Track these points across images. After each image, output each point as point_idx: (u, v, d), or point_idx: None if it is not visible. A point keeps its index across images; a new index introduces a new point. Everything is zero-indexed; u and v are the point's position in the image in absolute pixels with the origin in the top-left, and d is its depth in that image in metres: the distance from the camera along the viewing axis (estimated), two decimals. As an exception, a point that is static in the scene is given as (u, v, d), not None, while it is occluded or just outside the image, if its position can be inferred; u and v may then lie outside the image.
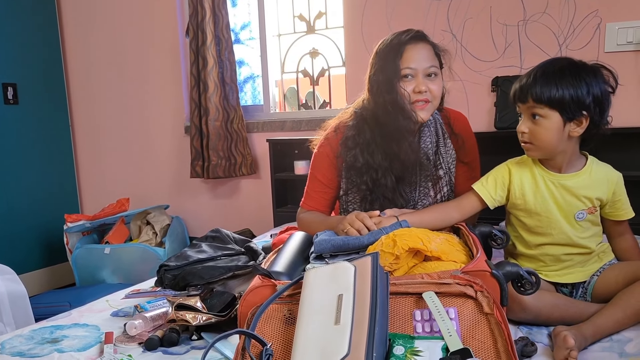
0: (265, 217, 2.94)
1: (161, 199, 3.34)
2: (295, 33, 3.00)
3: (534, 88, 1.27)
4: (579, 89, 1.24)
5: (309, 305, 1.02)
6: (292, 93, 3.09)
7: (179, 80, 3.19)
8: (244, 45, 3.20)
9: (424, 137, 1.61)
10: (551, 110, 1.26)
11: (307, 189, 1.74)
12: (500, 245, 1.41)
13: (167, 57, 3.20)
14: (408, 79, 1.52)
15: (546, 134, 1.28)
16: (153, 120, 3.31)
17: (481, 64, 2.34)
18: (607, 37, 2.10)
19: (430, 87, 1.52)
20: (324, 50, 2.94)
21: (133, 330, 1.32)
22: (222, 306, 1.37)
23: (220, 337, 0.99)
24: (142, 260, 2.90)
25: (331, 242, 1.29)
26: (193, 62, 2.99)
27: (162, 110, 3.28)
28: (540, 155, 1.34)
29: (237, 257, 1.72)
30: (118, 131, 3.44)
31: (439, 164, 1.63)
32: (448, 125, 1.67)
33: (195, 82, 3.00)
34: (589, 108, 1.26)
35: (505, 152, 1.57)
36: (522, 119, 1.33)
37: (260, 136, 2.98)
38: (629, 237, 1.43)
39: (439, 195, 1.64)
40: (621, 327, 1.19)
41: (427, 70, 1.52)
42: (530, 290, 1.12)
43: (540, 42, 2.22)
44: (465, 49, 2.36)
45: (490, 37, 2.31)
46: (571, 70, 1.27)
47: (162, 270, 1.64)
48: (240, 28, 3.21)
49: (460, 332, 0.97)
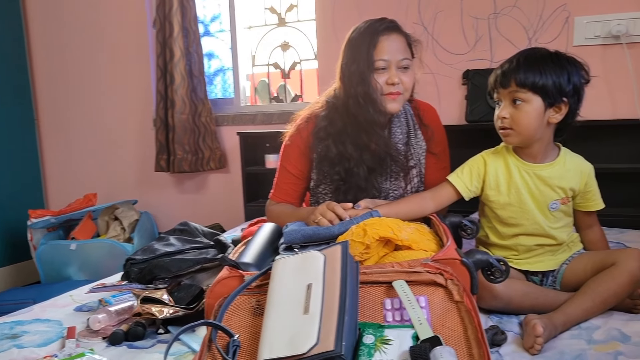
0: (236, 212, 2.90)
1: (129, 193, 3.27)
2: (266, 25, 2.97)
3: (517, 73, 1.28)
4: (561, 76, 1.27)
5: (278, 295, 1.00)
6: (263, 86, 3.06)
7: (147, 73, 3.12)
8: (214, 37, 3.15)
9: (394, 128, 1.61)
10: (534, 95, 1.28)
11: (277, 180, 1.71)
12: (470, 236, 1.41)
13: (135, 49, 3.12)
14: (381, 71, 1.50)
15: (527, 119, 1.29)
16: (121, 113, 3.24)
17: (452, 57, 2.34)
18: (576, 30, 2.13)
19: (403, 79, 1.51)
20: (295, 43, 2.91)
21: (97, 325, 1.28)
22: (189, 299, 1.34)
23: (185, 329, 0.97)
24: (109, 256, 2.83)
25: (301, 232, 1.27)
26: (160, 53, 2.92)
27: (130, 102, 3.20)
28: (519, 142, 1.34)
29: (205, 251, 1.68)
30: (85, 124, 3.35)
31: (410, 155, 1.62)
32: (418, 116, 1.67)
33: (162, 74, 2.93)
34: (568, 95, 1.29)
35: (476, 144, 1.57)
36: (502, 105, 1.33)
37: (231, 129, 2.94)
38: (597, 229, 1.45)
39: (409, 186, 1.63)
40: (590, 315, 1.21)
41: (400, 63, 1.50)
42: (500, 279, 1.11)
43: (510, 35, 2.24)
44: (436, 41, 2.36)
45: (461, 31, 2.32)
46: (553, 58, 1.30)
47: (128, 263, 1.59)
48: (210, 20, 3.16)
49: (430, 320, 0.96)
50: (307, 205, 1.75)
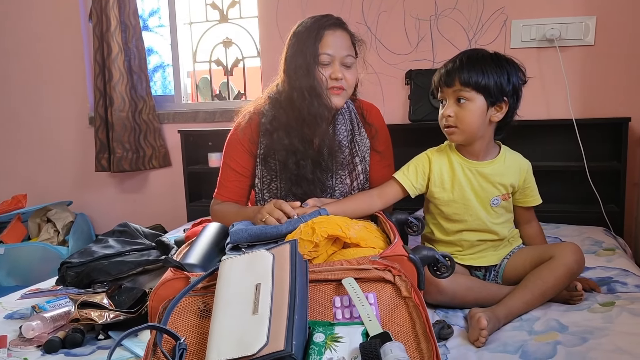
0: (178, 212, 2.83)
1: (63, 194, 3.12)
2: (208, 22, 2.90)
3: (461, 72, 1.32)
4: (502, 76, 1.32)
5: (225, 296, 0.97)
6: (205, 83, 2.99)
7: (82, 68, 2.98)
8: (153, 32, 3.06)
9: (338, 124, 1.61)
10: (477, 94, 1.32)
11: (220, 179, 1.67)
12: (416, 232, 1.43)
13: (69, 43, 2.98)
14: (325, 66, 1.50)
15: (471, 117, 1.33)
16: (54, 110, 3.08)
17: (395, 57, 2.37)
18: (513, 33, 2.21)
19: (346, 75, 1.52)
20: (238, 40, 2.86)
21: (30, 333, 1.20)
22: (131, 302, 1.29)
23: (128, 333, 0.92)
24: (42, 260, 2.68)
25: (248, 232, 1.24)
26: (97, 48, 2.80)
27: (64, 99, 3.05)
28: (463, 140, 1.37)
29: (147, 252, 1.62)
30: (14, 122, 3.16)
31: (355, 152, 1.63)
32: (362, 115, 1.68)
33: (100, 69, 2.81)
34: (508, 95, 1.34)
35: (419, 143, 1.60)
36: (447, 103, 1.36)
37: (171, 127, 2.86)
38: (535, 224, 1.51)
39: (355, 183, 1.64)
40: (530, 307, 1.25)
41: (344, 59, 1.51)
42: (446, 274, 1.14)
43: (451, 36, 2.29)
44: (379, 42, 2.39)
45: (403, 31, 2.35)
46: (493, 58, 1.35)
47: (63, 267, 1.52)
48: (149, 15, 3.06)
49: (379, 316, 0.97)
50: (253, 204, 1.73)
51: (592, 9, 2.12)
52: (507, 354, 1.06)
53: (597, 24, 2.12)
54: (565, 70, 2.12)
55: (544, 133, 2.13)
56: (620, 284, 1.38)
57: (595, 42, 2.13)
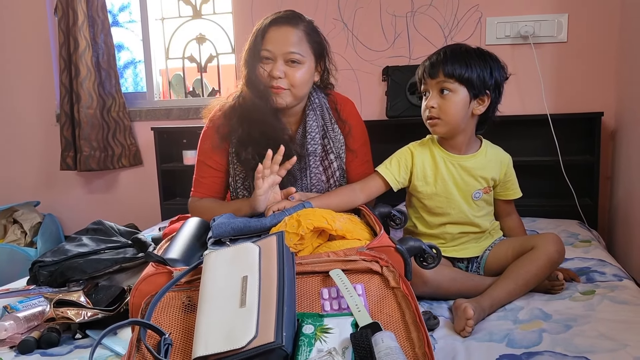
0: (151, 211, 2.76)
1: (30, 194, 3.02)
2: (181, 17, 2.85)
3: (445, 64, 1.33)
4: (485, 70, 1.34)
5: (211, 289, 0.95)
6: (178, 80, 2.94)
7: (48, 64, 2.89)
8: (123, 28, 2.99)
9: (309, 121, 1.57)
10: (460, 86, 1.33)
11: (196, 176, 1.63)
12: (398, 225, 1.43)
13: (34, 37, 2.88)
14: (267, 62, 1.46)
15: (454, 108, 1.33)
16: (18, 107, 2.97)
17: (372, 53, 2.37)
18: (488, 30, 2.23)
19: (289, 73, 1.46)
20: (211, 36, 2.82)
21: (3, 333, 1.16)
22: (109, 300, 1.26)
23: (110, 329, 0.89)
24: (9, 262, 2.59)
25: (231, 225, 1.22)
26: (62, 43, 2.72)
27: (29, 95, 2.95)
28: (445, 132, 1.38)
29: (123, 250, 1.58)
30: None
31: (329, 148, 1.59)
32: (335, 110, 1.63)
33: (66, 65, 2.73)
34: (490, 88, 1.36)
35: (397, 139, 1.60)
36: (430, 95, 1.37)
37: (143, 125, 2.79)
38: (515, 216, 1.54)
39: (332, 180, 1.60)
40: (513, 297, 1.26)
41: (287, 56, 1.45)
42: (433, 264, 1.14)
43: (427, 33, 2.30)
44: (356, 38, 2.39)
45: (380, 27, 2.35)
46: (477, 53, 1.37)
47: (36, 266, 1.46)
48: (119, 10, 2.99)
49: (368, 307, 0.96)
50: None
51: (564, 6, 2.16)
52: (494, 342, 1.07)
53: (569, 21, 2.16)
54: (540, 67, 2.16)
55: (519, 128, 2.15)
56: (598, 274, 1.40)
57: (567, 39, 2.17)
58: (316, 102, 1.59)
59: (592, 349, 0.99)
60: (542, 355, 0.99)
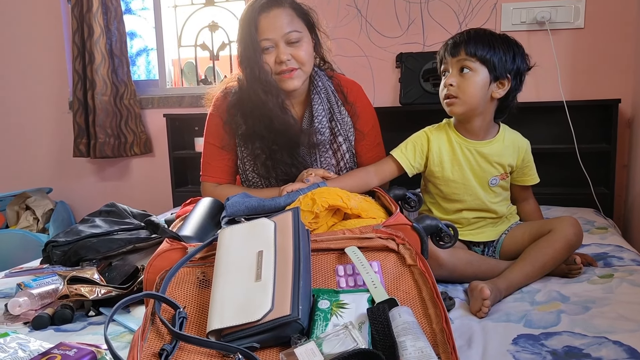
0: (163, 198, 2.77)
1: (42, 181, 3.03)
2: (193, 5, 2.84)
3: (468, 42, 1.32)
4: (507, 54, 1.33)
5: (226, 264, 0.95)
6: (190, 68, 2.93)
7: (60, 51, 2.90)
8: (136, 15, 2.99)
9: (315, 105, 1.55)
10: (481, 66, 1.32)
11: (205, 159, 1.62)
12: (413, 208, 1.42)
13: (46, 24, 2.88)
14: (269, 51, 1.44)
15: (473, 88, 1.32)
16: (30, 95, 2.97)
17: (386, 40, 2.35)
18: (503, 16, 2.20)
19: (294, 53, 1.45)
20: (224, 23, 2.81)
21: (17, 309, 1.16)
22: (123, 279, 1.25)
23: (125, 301, 0.89)
24: (22, 247, 2.60)
25: (245, 204, 1.21)
26: (76, 30, 2.72)
27: (41, 83, 2.95)
28: (462, 112, 1.35)
29: (136, 232, 1.58)
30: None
31: (337, 131, 1.57)
32: (341, 93, 1.60)
33: (79, 52, 2.73)
34: (511, 73, 1.34)
35: (410, 127, 1.57)
36: (449, 74, 1.35)
37: (156, 112, 2.79)
38: (532, 201, 1.52)
39: (342, 163, 1.59)
40: (530, 280, 1.25)
41: (287, 37, 1.44)
42: (449, 244, 1.12)
43: (441, 19, 2.27)
44: (370, 24, 2.36)
45: (394, 14, 2.33)
46: (502, 37, 1.36)
47: (49, 246, 1.47)
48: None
49: (384, 284, 0.95)
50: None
51: (581, -8, 2.13)
52: (511, 322, 1.05)
53: (586, 7, 2.12)
54: (556, 53, 2.13)
55: (535, 115, 2.12)
56: (616, 259, 1.38)
57: (584, 25, 2.14)
58: (320, 85, 1.56)
59: (611, 329, 0.98)
60: (561, 335, 0.98)
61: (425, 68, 2.22)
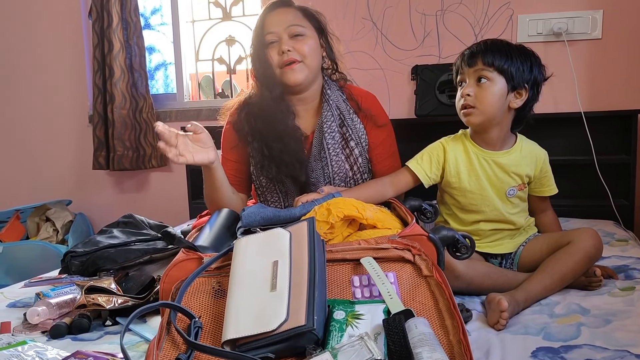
0: (180, 211, 2.79)
1: (62, 193, 3.08)
2: (211, 19, 2.89)
3: (485, 52, 1.32)
4: (525, 64, 1.33)
5: (241, 274, 0.95)
6: (208, 82, 2.97)
7: (81, 65, 2.95)
8: (155, 31, 3.04)
9: (324, 112, 1.55)
10: (499, 75, 1.32)
11: None
12: (429, 220, 1.41)
13: (68, 39, 2.94)
14: (273, 45, 1.49)
15: (491, 98, 1.32)
16: (52, 108, 3.03)
17: (401, 52, 2.36)
18: (519, 28, 2.20)
19: (297, 46, 1.48)
20: (241, 37, 2.85)
21: (35, 318, 1.17)
22: (139, 288, 1.26)
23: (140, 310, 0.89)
24: (41, 258, 2.64)
25: (261, 215, 1.22)
26: (96, 45, 2.78)
27: (62, 97, 3.00)
28: (480, 122, 1.35)
29: (153, 243, 1.59)
30: (11, 119, 3.12)
31: (349, 135, 1.56)
32: (353, 101, 1.60)
33: (99, 66, 2.78)
34: (529, 83, 1.34)
35: (426, 139, 1.56)
36: (467, 83, 1.35)
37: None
38: (550, 212, 1.50)
39: (355, 167, 1.58)
40: (549, 292, 1.23)
41: (290, 30, 1.48)
42: (466, 255, 1.11)
43: (457, 31, 2.28)
44: (385, 37, 2.37)
45: (409, 26, 2.34)
46: (519, 47, 1.37)
47: (68, 256, 1.48)
48: (151, 13, 3.04)
49: (400, 295, 0.94)
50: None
51: (599, 2, 2.11)
52: (530, 335, 1.04)
53: (604, 18, 2.11)
54: (573, 64, 2.11)
55: (552, 127, 2.10)
56: (637, 271, 1.35)
57: (602, 36, 2.12)
58: (329, 93, 1.58)
59: (634, 342, 0.96)
60: (581, 348, 0.96)
61: (441, 80, 2.22)
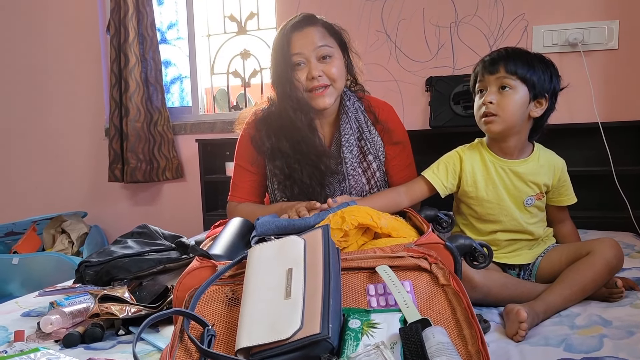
0: (194, 223, 2.79)
1: (78, 205, 3.10)
2: (226, 33, 2.92)
3: (507, 60, 1.31)
4: (546, 74, 1.32)
5: (255, 281, 0.94)
6: (223, 95, 2.99)
7: (99, 79, 2.99)
8: (171, 45, 3.07)
9: (343, 124, 1.55)
10: (521, 84, 1.31)
11: (234, 180, 1.65)
12: (445, 229, 1.39)
13: (86, 54, 2.99)
14: (301, 67, 1.47)
15: (513, 106, 1.30)
16: (69, 121, 3.07)
17: (415, 64, 2.36)
18: (534, 39, 2.19)
19: (326, 70, 1.46)
20: (255, 51, 2.87)
21: (49, 327, 1.17)
22: (152, 298, 1.25)
23: (153, 317, 0.89)
24: (56, 270, 2.64)
25: (275, 223, 1.21)
26: (114, 59, 2.82)
27: (79, 110, 3.05)
28: (501, 130, 1.33)
29: (167, 253, 1.59)
30: (30, 132, 3.16)
31: (367, 149, 1.56)
32: (372, 113, 1.60)
33: (116, 80, 2.82)
34: (549, 93, 1.33)
35: (440, 150, 1.55)
36: (488, 91, 1.34)
37: (188, 138, 2.84)
38: (569, 223, 1.48)
39: (372, 181, 1.58)
40: (569, 304, 1.20)
41: (319, 52, 1.46)
42: (484, 264, 1.09)
43: (471, 43, 2.27)
44: (399, 49, 2.38)
45: (423, 38, 2.34)
46: (539, 56, 1.35)
47: (82, 266, 1.48)
48: (167, 27, 3.08)
49: (417, 304, 0.92)
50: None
51: (615, 13, 2.10)
52: (550, 347, 1.01)
53: (620, 28, 2.09)
54: (590, 75, 2.09)
55: (569, 137, 2.08)
56: (660, 283, 1.32)
57: (618, 47, 2.10)
58: (348, 104, 1.57)
59: (659, 354, 0.93)
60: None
61: (455, 91, 2.21)
